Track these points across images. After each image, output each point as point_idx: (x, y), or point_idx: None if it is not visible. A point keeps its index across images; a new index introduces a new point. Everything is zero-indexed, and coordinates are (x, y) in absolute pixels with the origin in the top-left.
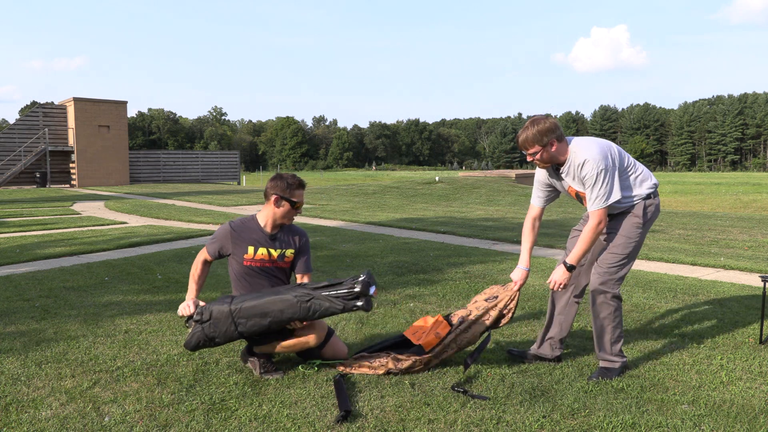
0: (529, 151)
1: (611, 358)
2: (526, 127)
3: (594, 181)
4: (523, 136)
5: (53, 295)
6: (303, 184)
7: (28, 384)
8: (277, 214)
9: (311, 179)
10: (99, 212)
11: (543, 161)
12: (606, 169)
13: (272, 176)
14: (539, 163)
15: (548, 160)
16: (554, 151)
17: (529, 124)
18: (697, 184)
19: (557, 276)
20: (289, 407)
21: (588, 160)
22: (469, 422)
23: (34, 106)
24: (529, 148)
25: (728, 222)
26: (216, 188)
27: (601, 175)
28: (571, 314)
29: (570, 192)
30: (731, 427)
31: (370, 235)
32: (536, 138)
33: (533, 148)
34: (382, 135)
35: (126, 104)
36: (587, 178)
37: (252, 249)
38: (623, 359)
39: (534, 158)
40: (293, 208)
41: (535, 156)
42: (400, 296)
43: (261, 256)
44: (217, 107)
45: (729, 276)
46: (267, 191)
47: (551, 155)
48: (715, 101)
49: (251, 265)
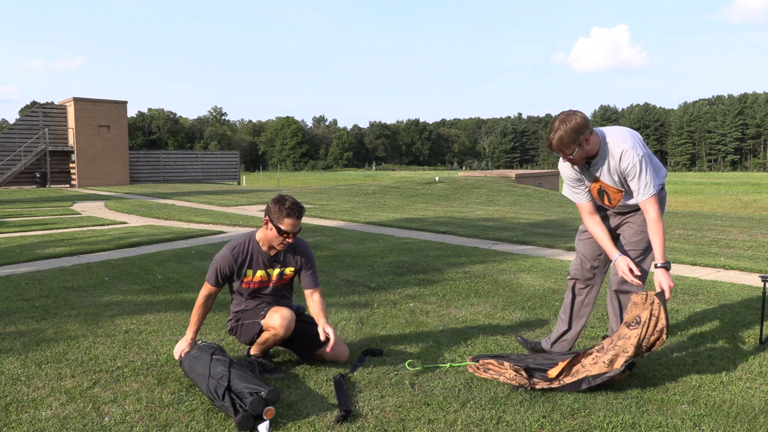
0: (566, 153)
1: None
2: (556, 127)
3: (639, 170)
4: (557, 138)
5: (53, 295)
6: (297, 214)
7: (28, 384)
8: (269, 237)
9: (311, 179)
10: (99, 212)
11: (578, 159)
12: (644, 155)
13: (276, 196)
14: (573, 161)
15: (583, 157)
16: (589, 147)
17: (559, 123)
18: (697, 184)
19: (664, 280)
20: (289, 407)
21: (626, 149)
22: (469, 422)
23: (34, 106)
24: (567, 150)
25: (728, 222)
26: (216, 188)
27: (642, 162)
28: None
29: (592, 189)
30: (731, 427)
31: (370, 235)
32: (572, 137)
33: (569, 148)
34: (382, 135)
35: (126, 104)
36: (630, 168)
37: (251, 272)
38: None
39: (570, 158)
40: (280, 235)
41: (573, 156)
42: (400, 296)
43: (260, 278)
44: (217, 107)
45: (729, 276)
46: (265, 210)
47: (586, 151)
48: (715, 101)
49: (250, 287)
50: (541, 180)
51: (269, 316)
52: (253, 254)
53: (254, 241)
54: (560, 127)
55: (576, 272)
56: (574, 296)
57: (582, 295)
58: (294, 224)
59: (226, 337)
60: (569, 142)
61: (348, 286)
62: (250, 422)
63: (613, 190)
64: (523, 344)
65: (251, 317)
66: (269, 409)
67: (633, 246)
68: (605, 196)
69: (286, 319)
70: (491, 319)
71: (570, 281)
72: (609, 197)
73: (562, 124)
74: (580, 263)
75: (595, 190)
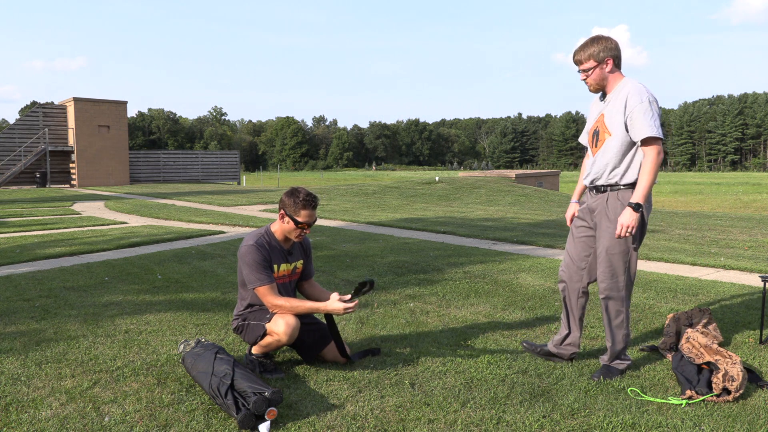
0: (583, 66)
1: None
2: (585, 42)
3: (646, 108)
4: (580, 48)
5: (53, 295)
6: (312, 204)
7: (28, 384)
8: (285, 229)
9: (311, 179)
10: (99, 212)
11: (593, 82)
12: (655, 101)
13: (288, 189)
14: (589, 84)
15: (599, 82)
16: (608, 72)
17: (589, 40)
18: (697, 184)
19: (626, 219)
20: (289, 407)
21: (641, 89)
22: (469, 422)
23: (34, 106)
24: (585, 62)
25: (728, 222)
26: (216, 188)
27: (653, 105)
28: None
29: (590, 132)
30: (731, 427)
31: (370, 235)
32: (594, 53)
33: (588, 62)
34: (382, 135)
35: (126, 104)
36: (637, 106)
37: (276, 267)
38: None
39: (587, 75)
40: (297, 227)
41: (588, 72)
42: (400, 296)
43: (283, 272)
44: (217, 107)
45: (729, 276)
46: (279, 204)
47: (603, 76)
48: (715, 101)
49: (276, 282)
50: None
51: (274, 321)
52: (273, 248)
53: (271, 234)
54: (589, 42)
55: (564, 273)
56: (565, 302)
57: (571, 300)
58: (310, 215)
59: (226, 338)
60: (589, 55)
61: (348, 286)
62: (252, 421)
63: (606, 130)
64: (530, 349)
65: (257, 318)
66: (271, 410)
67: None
68: (596, 139)
69: (290, 326)
70: (491, 319)
71: (560, 285)
72: (598, 138)
73: (591, 40)
74: (567, 265)
75: (592, 131)
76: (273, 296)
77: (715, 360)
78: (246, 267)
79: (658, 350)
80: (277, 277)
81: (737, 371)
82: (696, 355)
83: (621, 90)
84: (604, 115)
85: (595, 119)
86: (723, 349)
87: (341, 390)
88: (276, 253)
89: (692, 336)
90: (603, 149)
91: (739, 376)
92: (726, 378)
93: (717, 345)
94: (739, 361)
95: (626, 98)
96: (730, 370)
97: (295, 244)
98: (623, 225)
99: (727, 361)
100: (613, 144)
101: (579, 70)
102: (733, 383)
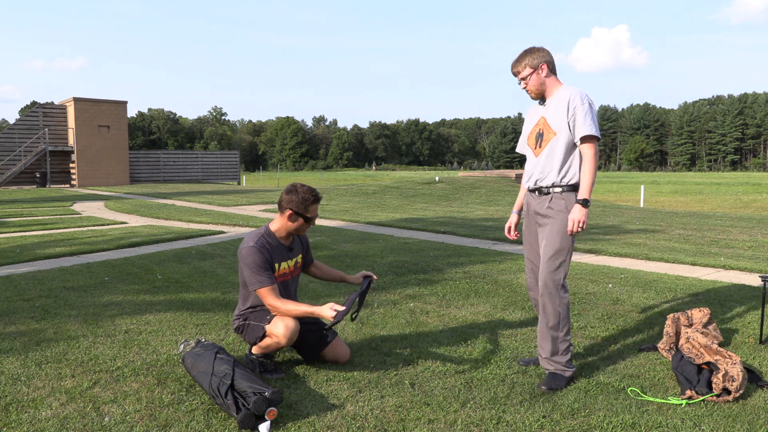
0: (521, 75)
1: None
2: (519, 55)
3: (585, 110)
4: (516, 61)
5: (53, 295)
6: (318, 198)
7: (28, 384)
8: (291, 227)
9: (311, 179)
10: (99, 212)
11: (533, 88)
12: (593, 104)
13: (287, 187)
14: (529, 91)
15: (538, 87)
16: (544, 77)
17: (522, 52)
18: (697, 184)
19: (577, 215)
20: (289, 407)
21: (581, 92)
22: (469, 422)
23: (34, 106)
24: (522, 71)
25: (728, 222)
26: (216, 188)
27: (592, 107)
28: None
29: (531, 134)
30: (731, 427)
31: (370, 235)
32: (528, 61)
33: (525, 71)
34: (382, 135)
35: (126, 104)
36: (579, 107)
37: (277, 266)
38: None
39: (526, 83)
40: (307, 223)
41: (526, 80)
42: (400, 296)
43: (284, 270)
44: (217, 107)
45: (729, 276)
46: (282, 204)
47: (541, 81)
48: (715, 101)
49: (278, 280)
50: None
51: (274, 323)
52: (274, 247)
53: (271, 234)
54: (522, 53)
55: (531, 280)
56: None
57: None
58: (317, 209)
59: (226, 338)
60: (525, 64)
61: (348, 287)
62: (252, 421)
63: (550, 131)
64: (528, 363)
65: (258, 319)
66: (272, 410)
67: (549, 245)
68: (540, 140)
69: (289, 329)
70: (491, 319)
71: (530, 293)
72: (542, 139)
73: (524, 51)
74: (531, 270)
75: (534, 133)
76: (273, 298)
77: (715, 360)
78: (246, 269)
79: (658, 350)
80: (280, 275)
81: (737, 371)
82: (696, 355)
83: (560, 94)
84: (545, 117)
85: (535, 123)
86: (723, 349)
87: (341, 390)
88: (277, 252)
89: (692, 336)
90: (549, 149)
91: (739, 376)
92: (726, 378)
93: (717, 345)
94: (739, 361)
95: (568, 100)
96: (730, 370)
97: (295, 239)
98: (574, 221)
99: (727, 361)
100: (560, 143)
101: (519, 81)
102: (733, 383)
